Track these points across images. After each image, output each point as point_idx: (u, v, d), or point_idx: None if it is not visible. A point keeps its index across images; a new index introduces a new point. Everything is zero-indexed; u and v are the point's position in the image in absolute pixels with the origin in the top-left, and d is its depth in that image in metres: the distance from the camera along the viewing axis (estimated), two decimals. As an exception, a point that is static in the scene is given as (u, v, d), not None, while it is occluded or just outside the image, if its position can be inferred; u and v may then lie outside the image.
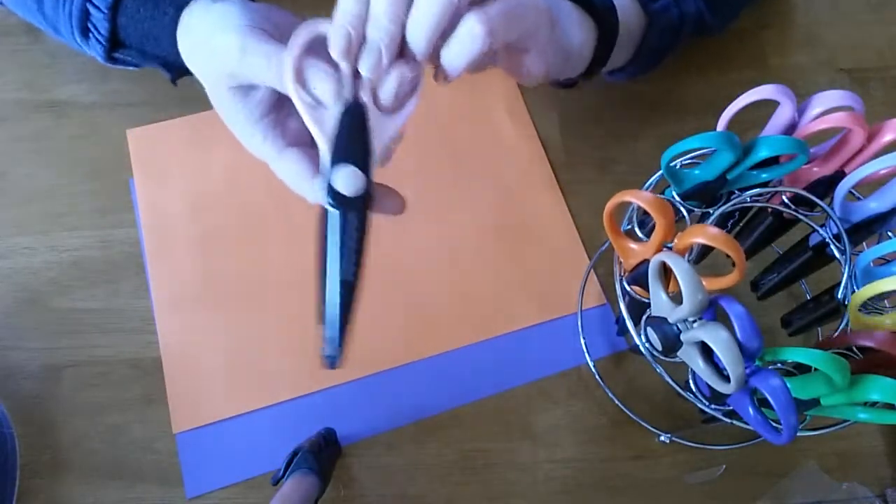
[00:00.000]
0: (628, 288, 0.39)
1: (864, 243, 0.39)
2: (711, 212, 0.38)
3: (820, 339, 0.48)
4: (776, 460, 0.47)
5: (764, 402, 0.32)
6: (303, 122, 0.31)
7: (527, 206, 0.52)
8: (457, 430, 0.47)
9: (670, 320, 0.34)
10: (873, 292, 0.33)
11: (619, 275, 0.40)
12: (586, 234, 0.52)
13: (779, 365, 0.34)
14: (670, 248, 0.35)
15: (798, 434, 0.31)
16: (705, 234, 0.33)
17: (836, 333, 0.36)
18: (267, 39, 0.32)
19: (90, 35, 0.44)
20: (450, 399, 0.47)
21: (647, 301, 0.37)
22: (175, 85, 0.45)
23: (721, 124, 0.37)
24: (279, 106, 0.35)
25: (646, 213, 0.35)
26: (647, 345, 0.37)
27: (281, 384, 0.47)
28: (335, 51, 0.30)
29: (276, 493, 0.38)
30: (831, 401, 0.32)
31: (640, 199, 0.34)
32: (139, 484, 0.45)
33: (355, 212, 0.30)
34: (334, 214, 0.30)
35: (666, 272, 0.35)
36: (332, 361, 0.31)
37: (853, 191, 0.36)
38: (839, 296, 0.37)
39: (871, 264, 0.37)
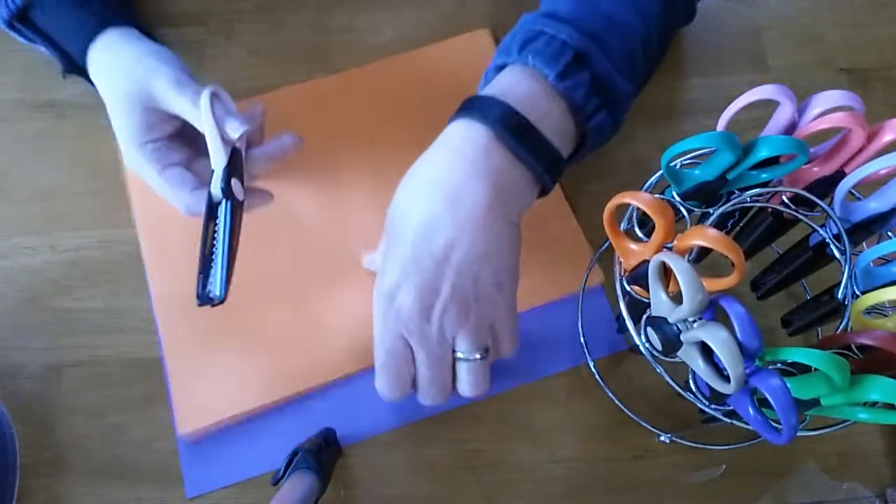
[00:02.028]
0: (628, 288, 0.39)
1: (864, 243, 0.39)
2: (711, 212, 0.38)
3: (820, 338, 0.48)
4: (776, 460, 0.47)
5: (764, 402, 0.32)
6: (181, 155, 0.46)
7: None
8: (457, 430, 0.47)
9: (670, 320, 0.34)
10: (877, 300, 0.33)
11: (619, 275, 0.40)
12: (586, 235, 0.52)
13: (779, 365, 0.34)
14: (670, 249, 0.35)
15: (798, 434, 0.31)
16: (705, 236, 0.33)
17: (837, 333, 0.36)
18: (190, 79, 0.43)
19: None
20: (450, 399, 0.47)
21: (647, 301, 0.37)
22: (64, 78, 0.50)
23: (721, 124, 0.37)
24: (169, 134, 0.45)
25: (645, 213, 0.35)
26: (647, 345, 0.37)
27: (285, 380, 0.47)
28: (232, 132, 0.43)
29: (276, 493, 0.38)
30: (831, 401, 0.32)
31: (639, 200, 0.34)
32: (139, 484, 0.45)
33: (238, 205, 0.44)
34: (225, 205, 0.43)
35: (666, 272, 0.35)
36: (220, 301, 0.42)
37: (853, 191, 0.36)
38: (839, 296, 0.37)
39: (871, 264, 0.37)
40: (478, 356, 0.39)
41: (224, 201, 0.43)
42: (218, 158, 0.43)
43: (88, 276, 0.50)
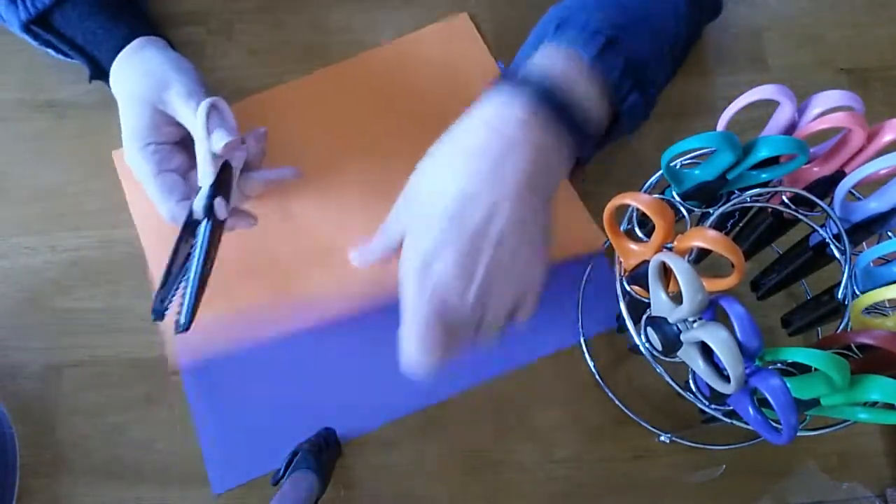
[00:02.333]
0: (628, 288, 0.39)
1: (864, 243, 0.39)
2: (711, 212, 0.38)
3: (820, 338, 0.48)
4: (776, 460, 0.47)
5: (764, 402, 0.32)
6: (180, 162, 0.46)
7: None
8: (457, 430, 0.47)
9: (670, 320, 0.34)
10: (876, 299, 0.33)
11: (619, 275, 0.40)
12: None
13: (779, 365, 0.34)
14: (670, 249, 0.35)
15: (798, 434, 0.31)
16: (704, 238, 0.33)
17: (837, 333, 0.36)
18: (202, 91, 0.45)
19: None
20: (450, 385, 0.48)
21: (647, 301, 0.37)
22: (89, 83, 0.50)
23: (721, 124, 0.37)
24: (172, 140, 0.46)
25: (645, 213, 0.35)
26: (647, 345, 0.37)
27: (280, 315, 0.48)
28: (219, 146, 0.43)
29: (276, 493, 0.38)
30: (831, 401, 0.32)
31: (639, 201, 0.34)
32: (139, 484, 0.45)
33: (218, 226, 0.44)
34: (205, 225, 0.43)
35: (666, 272, 0.35)
36: (184, 329, 0.41)
37: (853, 191, 0.36)
38: (839, 296, 0.37)
39: (871, 264, 0.37)
40: (503, 322, 0.39)
41: (204, 221, 0.43)
42: (206, 173, 0.43)
43: (88, 276, 0.50)
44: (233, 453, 0.46)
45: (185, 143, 0.47)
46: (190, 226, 0.43)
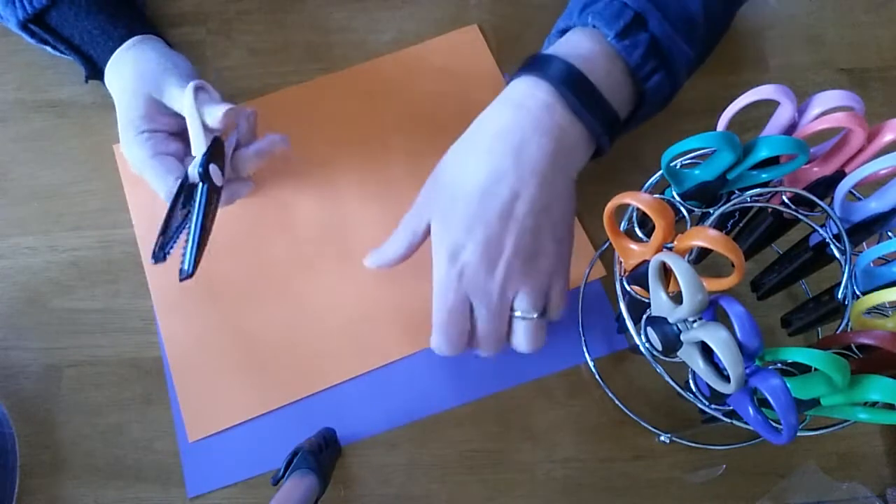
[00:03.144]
0: (628, 288, 0.39)
1: (864, 243, 0.39)
2: (711, 212, 0.38)
3: (820, 338, 0.48)
4: (776, 460, 0.47)
5: (764, 402, 0.32)
6: (176, 149, 0.47)
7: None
8: (457, 430, 0.47)
9: (670, 320, 0.34)
10: (877, 301, 0.33)
11: (619, 275, 0.40)
12: (587, 235, 0.52)
13: (779, 365, 0.34)
14: (670, 249, 0.35)
15: (798, 434, 0.31)
16: (705, 237, 0.33)
17: (837, 332, 0.36)
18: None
19: None
20: (450, 397, 0.47)
21: (647, 301, 0.37)
22: (86, 82, 0.51)
23: (721, 124, 0.37)
24: (168, 129, 0.47)
25: (645, 213, 0.35)
26: (647, 345, 0.37)
27: (290, 385, 0.47)
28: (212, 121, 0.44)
29: (276, 493, 0.38)
30: (831, 401, 0.32)
31: (639, 201, 0.34)
32: (139, 484, 0.45)
33: (214, 189, 0.44)
34: (201, 187, 0.44)
35: (666, 272, 0.35)
36: (188, 275, 0.42)
37: (853, 191, 0.36)
38: (839, 296, 0.37)
39: (871, 264, 0.37)
40: (535, 315, 0.40)
41: (200, 184, 0.44)
42: (198, 144, 0.44)
43: (88, 276, 0.50)
44: (213, 456, 0.46)
45: (180, 134, 0.47)
46: (186, 189, 0.44)
